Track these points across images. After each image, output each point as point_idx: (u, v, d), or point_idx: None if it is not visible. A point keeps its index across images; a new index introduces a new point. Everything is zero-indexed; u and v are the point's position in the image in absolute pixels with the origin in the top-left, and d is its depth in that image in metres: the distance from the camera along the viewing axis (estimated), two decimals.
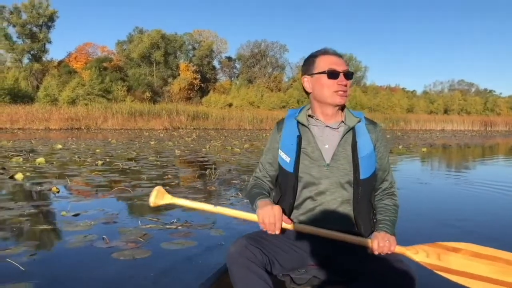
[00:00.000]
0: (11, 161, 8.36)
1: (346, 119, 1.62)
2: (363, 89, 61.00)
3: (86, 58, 58.02)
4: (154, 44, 53.61)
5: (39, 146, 12.83)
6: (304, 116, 1.65)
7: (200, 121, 36.83)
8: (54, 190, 5.08)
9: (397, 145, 15.62)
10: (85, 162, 8.40)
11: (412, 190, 5.74)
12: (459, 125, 50.68)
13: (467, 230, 3.60)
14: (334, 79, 1.57)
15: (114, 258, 2.71)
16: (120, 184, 5.58)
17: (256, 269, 1.37)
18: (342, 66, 1.59)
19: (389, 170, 1.68)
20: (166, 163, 8.46)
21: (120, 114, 33.86)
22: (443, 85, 78.16)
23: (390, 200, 1.63)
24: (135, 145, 13.93)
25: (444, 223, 3.86)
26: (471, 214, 4.38)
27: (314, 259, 1.58)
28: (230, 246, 1.41)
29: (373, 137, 1.61)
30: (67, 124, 30.55)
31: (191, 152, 11.33)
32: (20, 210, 4.06)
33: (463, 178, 7.39)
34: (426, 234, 3.38)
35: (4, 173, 6.62)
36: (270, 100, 51.16)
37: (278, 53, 63.27)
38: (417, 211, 4.35)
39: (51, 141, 15.57)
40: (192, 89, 54.55)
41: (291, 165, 1.59)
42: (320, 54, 1.63)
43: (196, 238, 3.20)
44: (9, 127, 28.81)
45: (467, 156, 12.90)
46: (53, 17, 51.60)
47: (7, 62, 50.97)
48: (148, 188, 5.40)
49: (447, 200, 5.29)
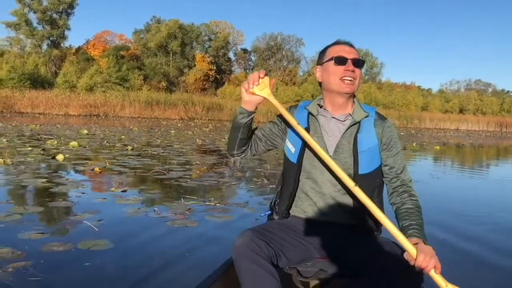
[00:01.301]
0: (46, 143, 8.93)
1: (354, 113, 1.61)
2: (378, 85, 60.80)
3: (104, 46, 58.67)
4: (171, 34, 54.03)
5: (66, 130, 13.45)
6: (314, 106, 1.65)
7: (215, 112, 37.21)
8: (97, 170, 5.60)
9: (411, 143, 15.91)
10: (115, 147, 8.94)
11: (424, 183, 6.14)
12: (474, 125, 50.30)
13: (472, 220, 4.01)
14: (341, 65, 1.55)
15: (169, 225, 3.21)
16: (154, 168, 6.08)
17: (262, 262, 1.36)
18: (351, 54, 1.57)
19: (403, 168, 1.60)
20: (191, 151, 8.97)
21: (138, 102, 34.38)
22: (460, 84, 77.44)
23: (411, 202, 1.54)
24: (156, 133, 14.47)
25: (452, 213, 4.28)
26: (476, 207, 4.78)
27: (321, 252, 1.57)
28: (236, 239, 1.41)
29: (379, 132, 1.58)
30: (85, 111, 31.17)
31: (212, 142, 11.83)
32: (73, 185, 4.58)
33: (473, 174, 7.74)
34: (436, 223, 3.80)
35: (44, 154, 7.17)
36: (285, 93, 51.35)
37: (294, 47, 63.29)
38: (428, 202, 4.77)
39: (74, 126, 16.21)
40: (207, 80, 54.97)
41: (295, 156, 1.60)
42: (332, 44, 1.63)
43: (232, 214, 3.68)
44: (30, 111, 29.56)
45: (479, 156, 13.16)
46: (73, 4, 52.21)
47: (26, 48, 51.83)
48: (181, 172, 5.90)
49: (455, 193, 5.69)
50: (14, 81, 36.97)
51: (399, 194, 1.57)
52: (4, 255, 2.40)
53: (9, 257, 2.38)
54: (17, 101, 30.09)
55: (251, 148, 1.73)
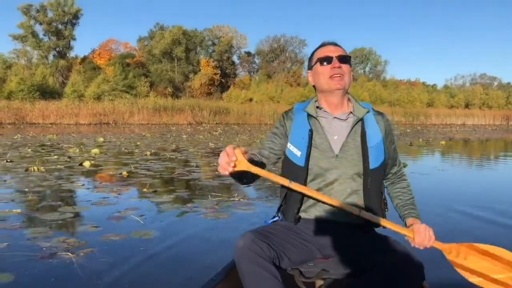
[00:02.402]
0: (69, 151, 9.42)
1: (354, 110, 1.63)
2: (383, 83, 60.99)
3: (110, 55, 59.32)
4: (175, 40, 54.64)
5: (82, 139, 13.96)
6: (312, 108, 1.65)
7: (222, 116, 37.66)
8: (125, 174, 6.05)
9: (417, 139, 16.24)
10: (134, 152, 9.41)
11: (427, 175, 6.52)
12: (480, 120, 50.36)
13: (469, 210, 4.40)
14: (327, 65, 1.58)
15: (203, 217, 3.65)
16: (176, 170, 6.52)
17: (264, 264, 1.37)
18: (336, 52, 1.60)
19: (397, 155, 1.72)
20: (206, 154, 9.42)
21: (146, 109, 34.92)
22: (465, 79, 77.38)
23: (404, 182, 1.71)
24: (169, 138, 14.95)
25: (451, 204, 4.67)
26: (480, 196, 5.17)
27: (323, 252, 1.58)
28: (238, 241, 1.41)
29: (382, 128, 1.62)
30: (95, 119, 31.72)
31: (224, 145, 12.27)
32: (108, 188, 5.04)
33: (479, 166, 8.10)
34: (434, 212, 4.19)
35: (71, 161, 7.65)
36: (290, 95, 51.72)
37: (297, 48, 63.76)
38: (429, 192, 5.16)
39: (89, 135, 16.74)
40: (213, 85, 55.48)
41: (302, 159, 1.58)
42: (318, 47, 1.66)
43: (256, 207, 4.13)
44: (41, 122, 30.11)
45: (485, 149, 13.47)
46: (78, 14, 52.87)
47: (33, 59, 52.61)
48: (202, 173, 6.33)
49: (457, 184, 6.07)
50: (24, 93, 37.56)
51: (394, 176, 1.72)
52: (73, 244, 2.85)
53: (77, 245, 2.83)
54: (28, 112, 30.63)
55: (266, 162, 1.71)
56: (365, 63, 67.75)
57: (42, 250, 2.73)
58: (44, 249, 2.76)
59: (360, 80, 58.23)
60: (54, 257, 2.61)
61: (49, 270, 2.42)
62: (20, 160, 7.77)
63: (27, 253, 2.67)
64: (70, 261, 2.54)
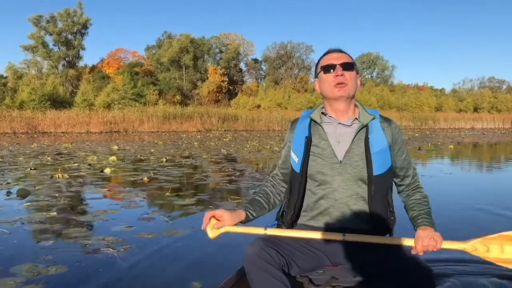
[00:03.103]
0: (87, 159, 9.75)
1: (360, 116, 1.63)
2: (391, 88, 61.04)
3: (118, 64, 60.03)
4: (183, 48, 55.27)
5: (97, 147, 14.33)
6: (318, 114, 1.67)
7: (230, 123, 37.98)
8: (146, 179, 6.35)
9: (425, 143, 16.40)
10: (150, 159, 9.73)
11: (437, 178, 6.74)
12: (489, 123, 50.19)
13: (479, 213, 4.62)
14: (330, 72, 1.59)
15: None
16: (193, 175, 6.80)
17: (273, 271, 1.38)
18: (340, 59, 1.60)
19: (410, 166, 1.67)
20: (219, 160, 9.69)
21: (155, 117, 35.38)
22: (473, 82, 77.08)
23: (418, 194, 1.65)
24: (181, 145, 15.27)
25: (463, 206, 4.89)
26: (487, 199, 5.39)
27: (332, 260, 1.59)
28: (247, 249, 1.43)
29: (388, 134, 1.60)
30: (106, 128, 32.19)
31: (236, 151, 12.55)
32: (132, 192, 5.33)
33: (486, 168, 8.28)
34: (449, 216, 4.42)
35: (91, 168, 7.97)
36: (298, 101, 51.98)
37: (304, 54, 64.08)
38: (437, 193, 5.38)
39: (102, 143, 17.14)
40: (221, 92, 55.92)
41: (299, 166, 1.62)
42: (323, 56, 1.67)
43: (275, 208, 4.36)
44: (53, 131, 30.66)
45: (494, 153, 13.60)
46: (87, 24, 53.63)
47: (43, 69, 53.44)
48: (218, 178, 6.61)
49: (465, 186, 6.28)
50: (35, 103, 38.14)
51: (407, 189, 1.68)
52: (111, 241, 3.14)
53: (116, 242, 3.11)
54: (40, 122, 31.15)
55: (285, 180, 1.76)
56: (372, 68, 67.88)
57: (85, 247, 3.02)
58: (87, 245, 3.05)
59: (368, 85, 58.34)
60: (98, 252, 2.89)
61: (96, 262, 2.70)
62: (43, 167, 8.11)
63: (72, 250, 2.96)
64: (113, 255, 2.82)
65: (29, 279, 2.40)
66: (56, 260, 2.72)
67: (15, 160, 9.51)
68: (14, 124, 30.02)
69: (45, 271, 2.53)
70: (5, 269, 2.57)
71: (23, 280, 2.39)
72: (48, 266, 2.60)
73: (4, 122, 29.98)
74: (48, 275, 2.48)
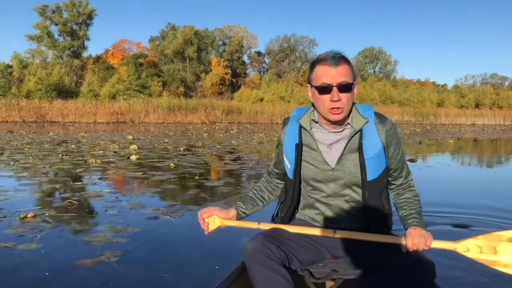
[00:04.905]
0: (109, 147, 10.41)
1: (352, 121, 1.55)
2: (393, 83, 61.48)
3: (123, 54, 60.30)
4: (187, 40, 55.53)
5: (113, 137, 14.98)
6: (307, 120, 1.61)
7: (234, 115, 38.37)
8: (172, 165, 7.01)
9: (426, 138, 17.04)
10: (167, 149, 10.39)
11: (435, 168, 7.42)
12: (490, 120, 50.69)
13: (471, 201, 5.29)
14: (326, 95, 1.48)
15: None
16: (213, 163, 7.48)
17: (274, 265, 1.39)
18: (337, 77, 1.46)
19: (404, 166, 1.63)
20: (232, 150, 10.37)
21: (161, 108, 35.92)
22: (475, 78, 77.63)
23: (410, 193, 1.62)
24: (191, 136, 15.93)
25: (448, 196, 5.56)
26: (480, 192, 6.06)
27: (332, 253, 1.60)
28: (247, 244, 1.44)
29: (382, 137, 1.54)
30: (112, 118, 32.56)
31: (246, 142, 13.23)
32: (166, 176, 6.01)
33: (480, 162, 8.96)
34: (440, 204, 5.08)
35: (116, 155, 8.63)
36: (300, 94, 52.34)
37: (307, 48, 64.34)
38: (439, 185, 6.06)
39: (115, 132, 17.79)
40: (224, 84, 56.25)
41: (291, 172, 1.63)
42: (318, 61, 1.52)
43: None
44: (61, 120, 31.14)
45: (494, 149, 14.25)
46: (92, 15, 53.92)
47: (48, 59, 53.78)
48: (237, 165, 7.28)
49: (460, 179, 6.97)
50: (42, 92, 38.62)
51: (399, 188, 1.64)
52: (166, 211, 3.85)
53: (170, 212, 3.81)
54: (48, 111, 31.51)
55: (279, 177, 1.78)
56: (375, 63, 68.29)
57: (146, 214, 3.72)
58: (147, 213, 3.75)
59: (370, 80, 58.81)
60: (158, 219, 3.60)
61: (159, 225, 3.41)
62: (72, 154, 8.78)
63: (139, 215, 3.66)
64: (170, 221, 3.52)
65: (114, 235, 3.09)
66: (131, 223, 3.42)
67: (42, 147, 10.18)
68: (23, 113, 30.54)
69: (123, 229, 3.23)
70: (91, 228, 3.26)
71: (111, 235, 3.08)
72: (124, 227, 3.29)
73: (14, 111, 30.55)
74: (127, 232, 3.17)
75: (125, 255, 2.66)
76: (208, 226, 1.62)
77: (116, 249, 2.75)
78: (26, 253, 2.68)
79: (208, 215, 1.62)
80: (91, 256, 2.62)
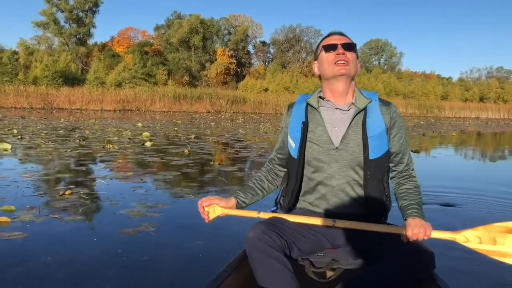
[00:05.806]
0: (122, 134, 10.77)
1: (356, 101, 1.61)
2: (398, 75, 61.41)
3: (128, 42, 60.31)
4: (193, 29, 55.49)
5: (123, 124, 15.33)
6: (315, 99, 1.66)
7: (238, 105, 38.57)
8: (187, 152, 7.36)
9: (429, 131, 17.31)
10: (178, 136, 10.74)
11: (438, 159, 7.76)
12: (494, 114, 50.64)
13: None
14: (332, 52, 1.58)
15: None
16: (226, 150, 7.83)
17: (275, 254, 1.39)
18: (341, 40, 1.60)
19: (406, 152, 1.65)
20: (241, 139, 10.72)
21: (166, 97, 36.18)
22: (481, 72, 77.28)
23: (410, 183, 1.64)
24: (199, 125, 16.26)
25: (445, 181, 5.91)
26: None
27: (332, 242, 1.61)
28: (248, 232, 1.44)
29: (386, 118, 1.59)
30: (119, 106, 32.80)
31: (253, 131, 13.57)
32: (182, 161, 6.37)
33: (479, 153, 9.29)
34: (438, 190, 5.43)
35: (130, 142, 8.99)
36: (305, 85, 52.38)
37: (312, 38, 64.05)
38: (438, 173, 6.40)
39: (124, 120, 18.14)
40: (228, 74, 56.30)
41: (296, 151, 1.63)
42: (324, 38, 1.67)
43: None
44: (68, 107, 31.46)
45: (491, 141, 14.54)
46: (98, 2, 53.85)
47: (54, 46, 53.92)
48: (248, 153, 7.63)
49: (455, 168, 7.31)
50: (48, 79, 38.83)
51: (400, 176, 1.66)
52: (189, 192, 4.21)
53: (194, 192, 4.17)
54: (55, 98, 31.79)
55: (282, 164, 1.79)
56: (380, 55, 68.13)
57: (172, 194, 4.09)
58: (173, 192, 4.13)
59: (375, 71, 58.77)
60: (183, 198, 3.97)
61: (186, 203, 3.77)
62: (87, 140, 9.14)
63: (165, 195, 4.03)
64: (193, 200, 3.87)
65: (147, 210, 3.45)
66: (157, 200, 3.79)
67: (58, 133, 10.55)
68: (31, 100, 30.90)
69: (154, 206, 3.59)
70: (124, 204, 3.62)
71: (144, 210, 3.45)
72: (154, 204, 3.66)
73: (22, 98, 30.93)
74: (158, 208, 3.53)
75: (160, 226, 3.02)
76: (209, 215, 1.66)
77: (152, 221, 3.12)
78: (74, 223, 3.06)
79: (208, 204, 1.65)
80: (131, 226, 2.98)
